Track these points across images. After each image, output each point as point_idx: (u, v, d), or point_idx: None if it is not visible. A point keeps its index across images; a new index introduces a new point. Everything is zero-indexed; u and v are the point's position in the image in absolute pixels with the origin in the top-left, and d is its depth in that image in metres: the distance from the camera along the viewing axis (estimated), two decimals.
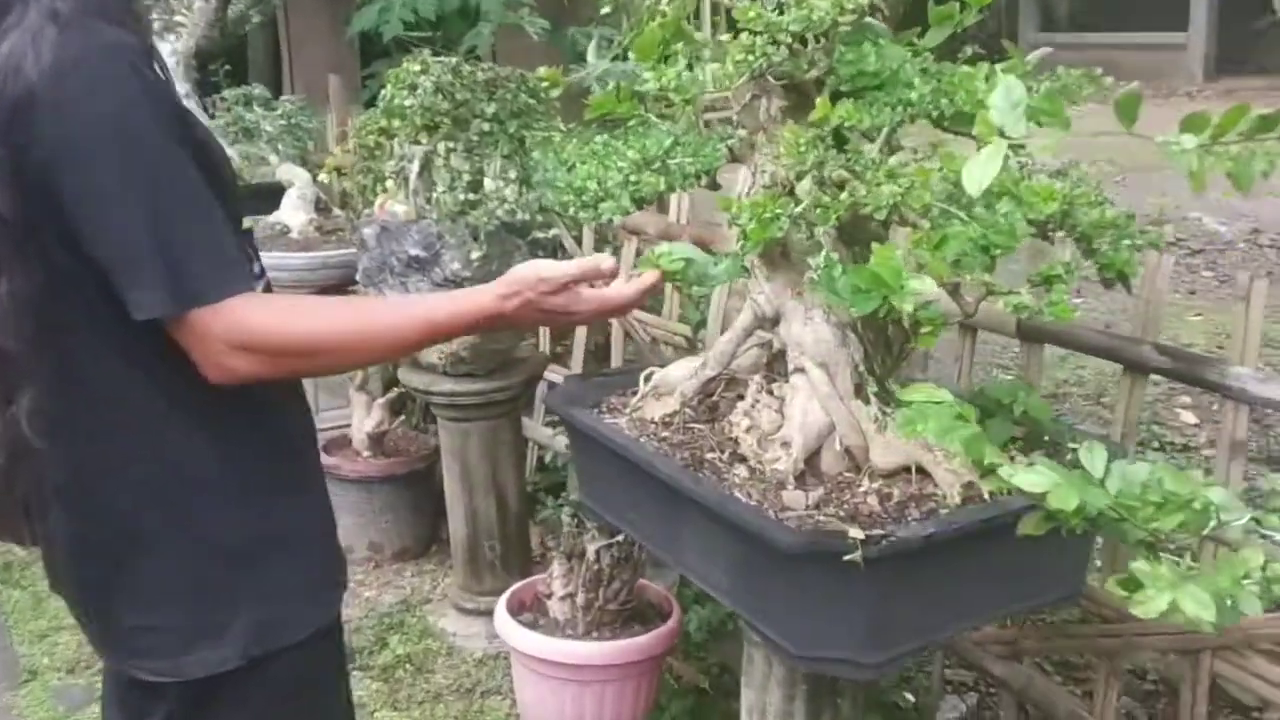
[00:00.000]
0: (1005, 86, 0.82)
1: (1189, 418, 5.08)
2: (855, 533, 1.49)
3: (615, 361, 3.36)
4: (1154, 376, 2.06)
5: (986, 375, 4.91)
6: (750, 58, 1.57)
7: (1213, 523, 0.95)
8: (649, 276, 1.55)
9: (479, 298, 1.43)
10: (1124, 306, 4.61)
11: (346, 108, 4.81)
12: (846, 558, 1.47)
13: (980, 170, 0.81)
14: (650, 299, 3.70)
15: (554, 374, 3.39)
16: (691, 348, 3.01)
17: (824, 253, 1.48)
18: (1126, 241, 1.52)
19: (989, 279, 1.37)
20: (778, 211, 1.50)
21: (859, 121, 1.49)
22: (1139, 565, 0.92)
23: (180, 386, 1.30)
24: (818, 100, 1.51)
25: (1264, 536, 1.34)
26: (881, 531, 1.55)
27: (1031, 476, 0.98)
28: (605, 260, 1.56)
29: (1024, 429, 1.86)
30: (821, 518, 1.64)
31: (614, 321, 3.29)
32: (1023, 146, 1.66)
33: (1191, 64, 16.28)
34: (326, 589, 1.53)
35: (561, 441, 3.49)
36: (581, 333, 3.45)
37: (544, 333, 3.49)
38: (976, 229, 1.41)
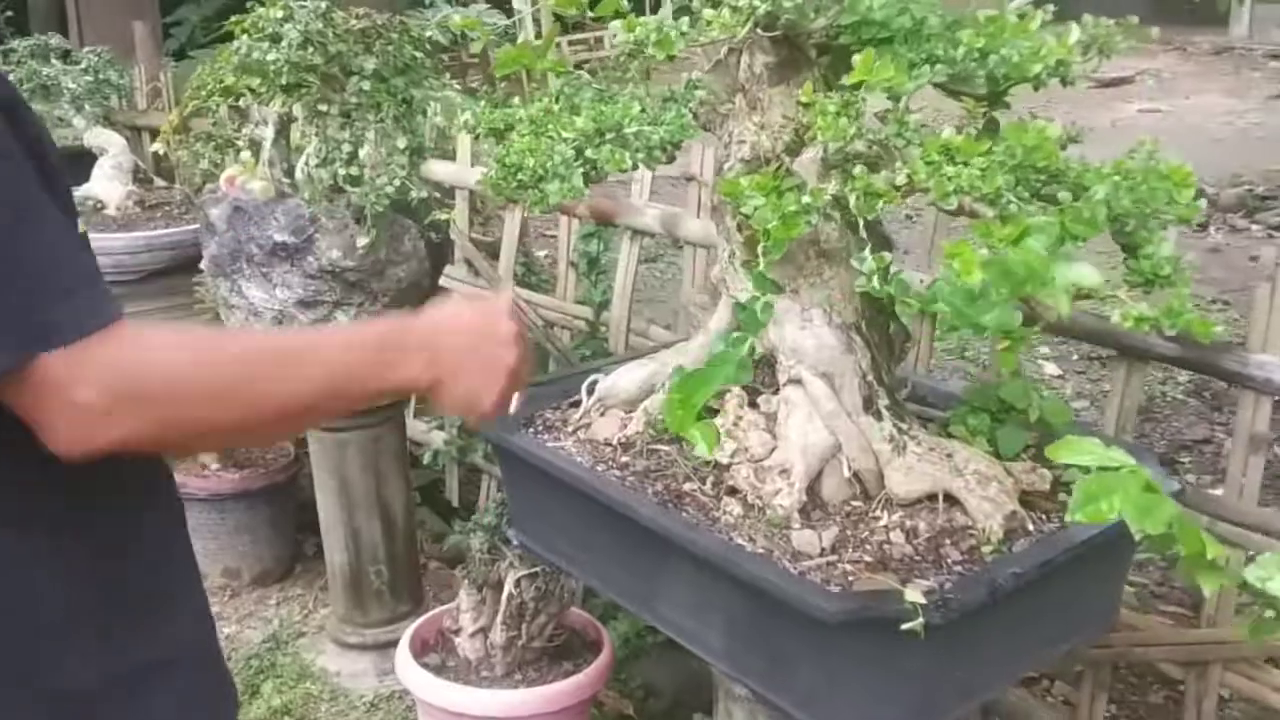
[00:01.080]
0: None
1: (1051, 369, 5.04)
2: (914, 595, 1.21)
3: None
4: None
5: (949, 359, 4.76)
6: (756, 2, 1.25)
7: None
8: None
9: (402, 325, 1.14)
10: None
11: (156, 59, 4.23)
12: (905, 626, 1.19)
13: None
14: (539, 276, 3.36)
15: None
16: (594, 331, 2.69)
17: (867, 255, 1.17)
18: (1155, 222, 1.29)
19: (1090, 282, 1.09)
20: (806, 203, 1.19)
21: (901, 84, 1.19)
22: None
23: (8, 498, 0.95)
24: (855, 58, 1.20)
25: None
26: (929, 584, 1.28)
27: None
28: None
29: (1036, 434, 1.62)
30: (847, 565, 1.36)
31: None
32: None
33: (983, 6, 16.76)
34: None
35: (439, 437, 3.12)
36: None
37: None
38: (1057, 217, 1.14)
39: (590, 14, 1.65)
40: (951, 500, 1.44)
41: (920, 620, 1.18)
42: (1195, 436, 4.55)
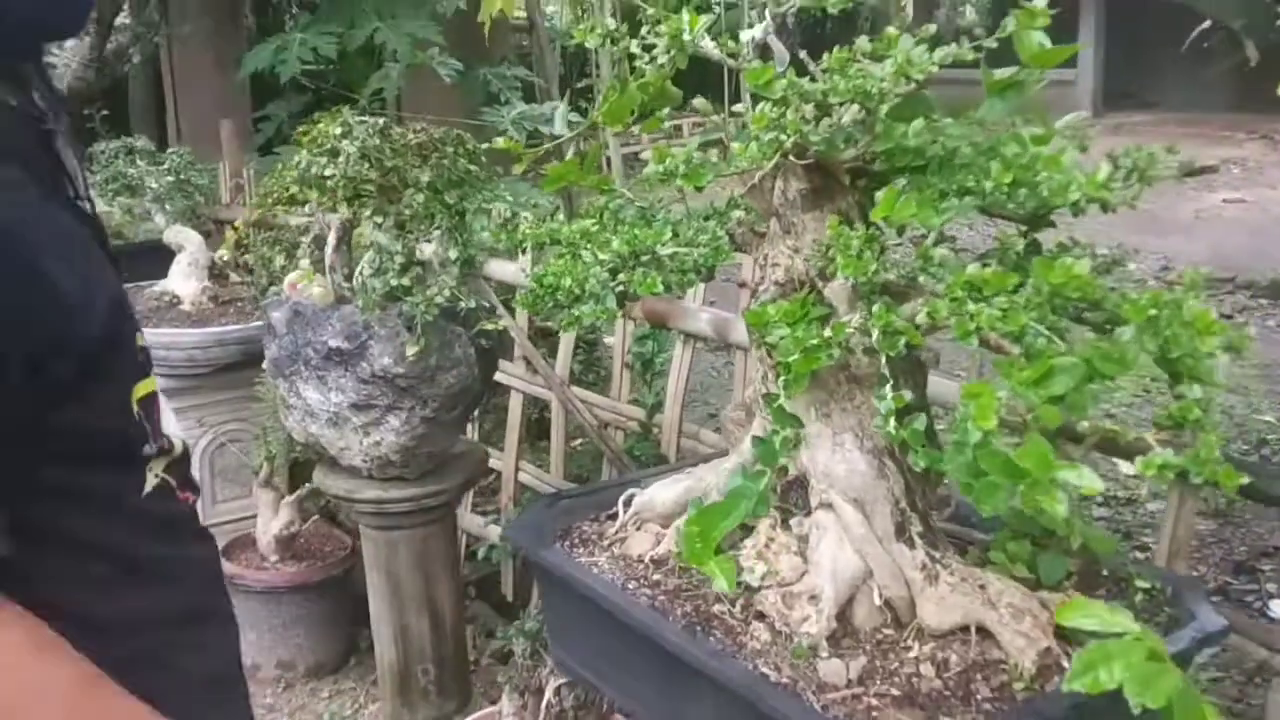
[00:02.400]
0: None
1: (1126, 468, 4.89)
2: None
3: (555, 444, 3.02)
4: None
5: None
6: (781, 136, 1.26)
7: None
8: None
9: None
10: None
11: (240, 155, 4.40)
12: None
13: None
14: (593, 375, 3.39)
15: (495, 460, 3.03)
16: (646, 433, 2.69)
17: (888, 392, 1.17)
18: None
19: (1115, 426, 1.07)
20: (827, 338, 1.19)
21: (927, 220, 1.19)
22: None
23: None
24: (877, 195, 1.20)
25: None
26: None
27: None
28: None
29: (1077, 561, 1.58)
30: (873, 699, 1.33)
31: (554, 398, 2.95)
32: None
33: (1080, 99, 16.65)
34: None
35: (495, 532, 3.13)
36: (516, 413, 3.10)
37: (475, 419, 3.12)
38: (1082, 355, 1.13)
39: (635, 129, 1.69)
40: (985, 633, 1.41)
41: None
42: (1277, 542, 4.40)
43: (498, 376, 3.03)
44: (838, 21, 19.77)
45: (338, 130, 1.98)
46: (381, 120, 2.01)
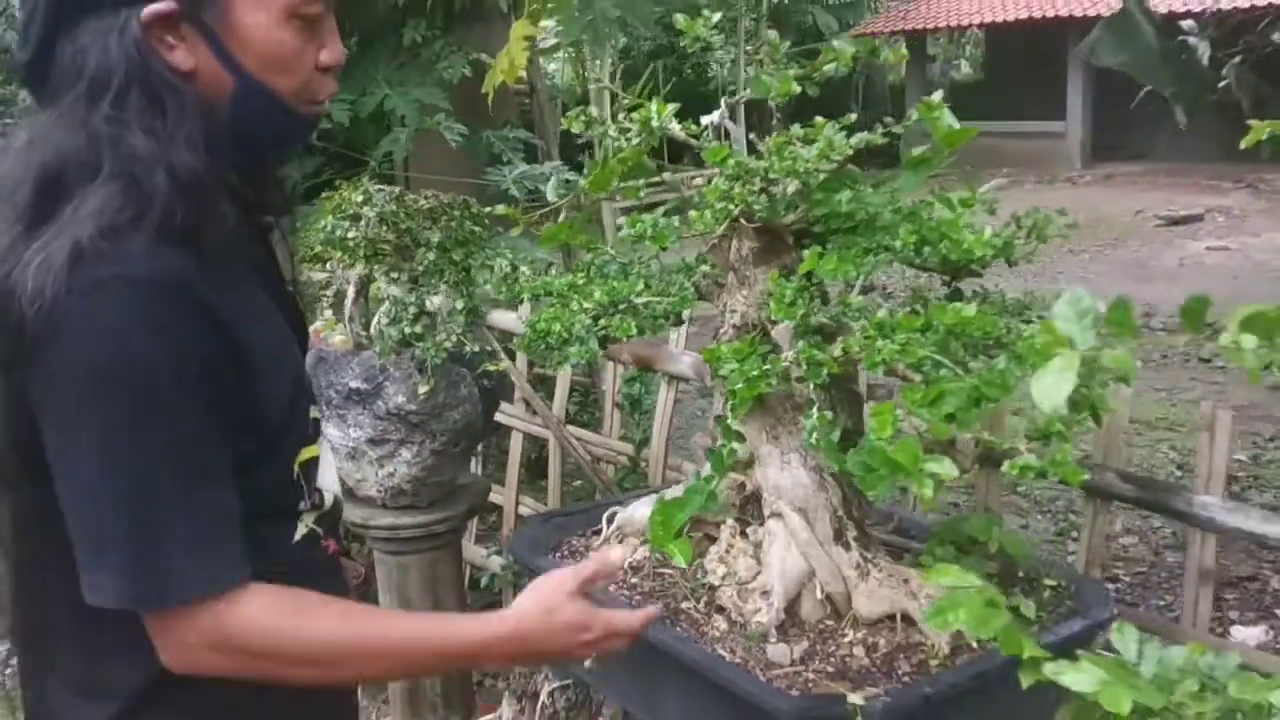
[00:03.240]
0: (1071, 297, 0.79)
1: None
2: (854, 698, 1.44)
3: (552, 479, 3.28)
4: None
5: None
6: (730, 204, 1.54)
7: None
8: (653, 610, 1.39)
9: (494, 626, 1.22)
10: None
11: None
12: None
13: (1054, 386, 0.77)
14: (587, 415, 3.66)
15: (497, 495, 3.29)
16: (634, 466, 2.96)
17: (814, 412, 1.44)
18: (1099, 376, 1.52)
19: (990, 436, 1.34)
20: (765, 369, 1.46)
21: (845, 274, 1.47)
22: None
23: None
24: (804, 253, 1.48)
25: None
26: (877, 690, 1.51)
27: (1080, 676, 0.94)
28: (613, 552, 1.50)
29: (997, 564, 1.84)
30: (810, 675, 1.59)
31: (550, 436, 3.22)
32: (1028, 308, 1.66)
33: (1070, 151, 17.08)
34: None
35: (496, 562, 3.38)
36: (516, 451, 3.37)
37: (476, 457, 3.39)
38: (970, 382, 1.39)
39: (621, 193, 1.97)
40: (909, 620, 1.67)
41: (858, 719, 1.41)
42: (1241, 573, 4.63)
43: (500, 417, 3.30)
44: (830, 80, 20.23)
45: (359, 198, 2.26)
46: (397, 189, 2.30)
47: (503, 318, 3.17)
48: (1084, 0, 16.19)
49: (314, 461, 1.23)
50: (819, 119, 1.55)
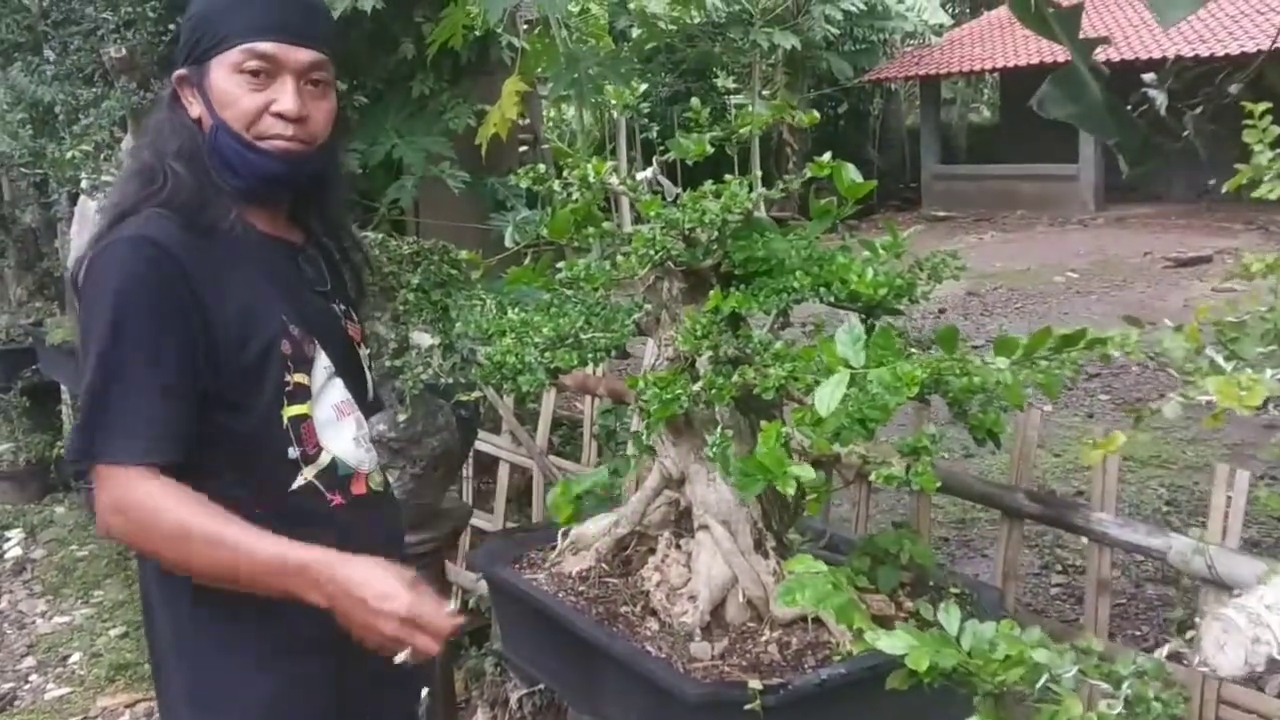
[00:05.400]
0: (848, 327, 1.00)
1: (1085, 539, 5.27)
2: (755, 684, 1.63)
3: (536, 507, 3.48)
4: None
5: (886, 514, 5.08)
6: (652, 251, 1.76)
7: (1044, 677, 1.10)
8: (459, 620, 1.50)
9: (303, 551, 1.42)
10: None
11: None
12: (747, 707, 1.61)
13: (829, 395, 0.98)
14: (567, 445, 3.87)
15: (480, 519, 3.50)
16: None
17: (719, 430, 1.64)
18: (995, 404, 1.71)
19: (863, 452, 1.54)
20: (678, 392, 1.67)
21: (749, 309, 1.68)
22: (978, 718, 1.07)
23: None
24: (712, 292, 1.69)
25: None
26: (780, 680, 1.70)
27: (892, 640, 1.13)
28: (446, 619, 1.47)
29: (912, 574, 2.02)
30: (726, 668, 1.78)
31: (535, 468, 3.43)
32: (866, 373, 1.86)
33: (1083, 193, 17.22)
34: None
35: (485, 587, 3.58)
36: (503, 480, 3.58)
37: (467, 482, 3.61)
38: (854, 405, 1.59)
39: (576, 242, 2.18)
40: (820, 622, 1.86)
41: (758, 702, 1.60)
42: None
43: (487, 448, 3.52)
44: (850, 118, 20.65)
45: None
46: (380, 235, 2.53)
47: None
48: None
49: (304, 420, 1.54)
50: (728, 176, 1.76)
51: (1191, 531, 2.00)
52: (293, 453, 1.54)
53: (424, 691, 1.75)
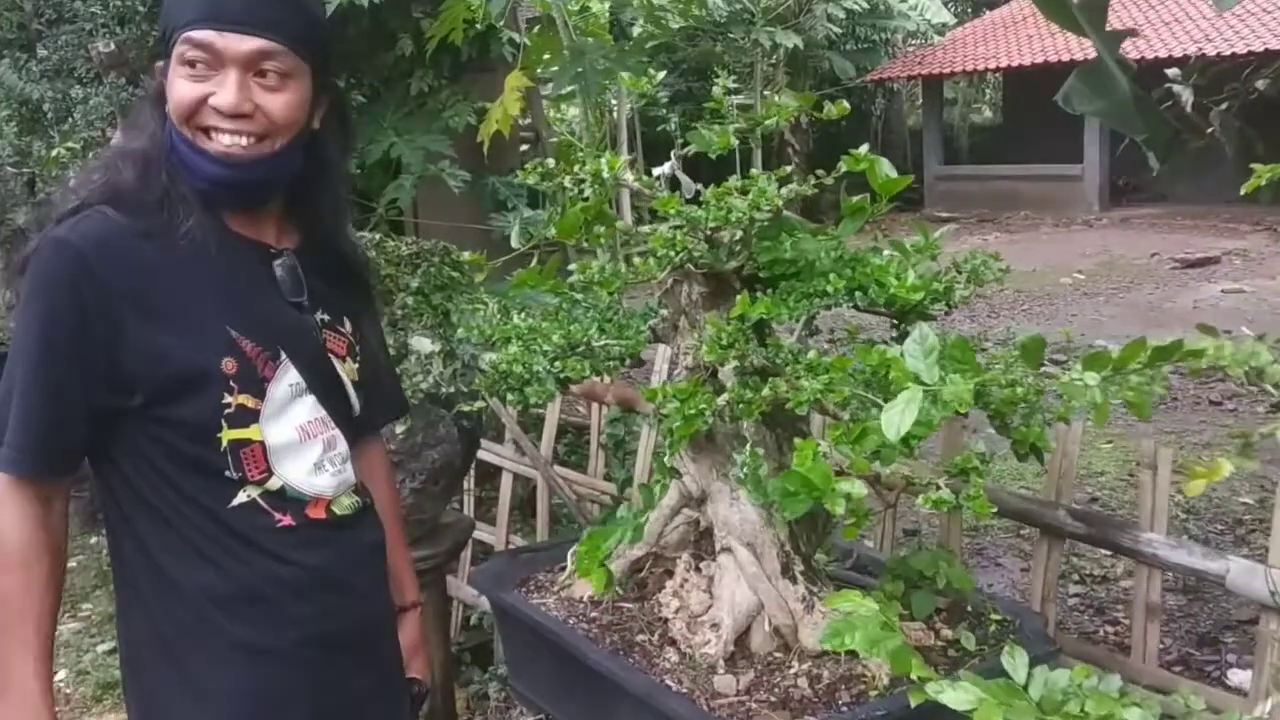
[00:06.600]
0: (918, 334, 0.86)
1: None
2: None
3: (541, 517, 3.34)
4: None
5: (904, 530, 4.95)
6: (672, 252, 1.62)
7: None
8: None
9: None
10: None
11: None
12: None
13: (899, 417, 0.84)
14: (573, 454, 3.73)
15: (482, 532, 3.36)
16: (617, 504, 3.01)
17: (748, 448, 1.50)
18: (1038, 416, 1.57)
19: (909, 473, 1.40)
20: (701, 407, 1.53)
21: (778, 317, 1.54)
22: None
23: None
24: (738, 297, 1.55)
25: None
26: (814, 719, 1.56)
27: (958, 695, 0.99)
28: None
29: (947, 599, 1.89)
30: (753, 704, 1.64)
31: (539, 478, 3.29)
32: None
33: (1088, 193, 17.07)
34: None
35: (488, 602, 3.44)
36: (506, 491, 3.44)
37: (468, 494, 3.47)
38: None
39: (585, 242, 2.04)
40: (853, 653, 1.71)
41: None
42: (1241, 617, 4.62)
43: (490, 458, 3.38)
44: (852, 118, 20.50)
45: None
46: (378, 235, 2.39)
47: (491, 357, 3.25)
48: None
49: (244, 445, 1.40)
50: (754, 171, 1.62)
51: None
52: (231, 474, 1.41)
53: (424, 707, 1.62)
